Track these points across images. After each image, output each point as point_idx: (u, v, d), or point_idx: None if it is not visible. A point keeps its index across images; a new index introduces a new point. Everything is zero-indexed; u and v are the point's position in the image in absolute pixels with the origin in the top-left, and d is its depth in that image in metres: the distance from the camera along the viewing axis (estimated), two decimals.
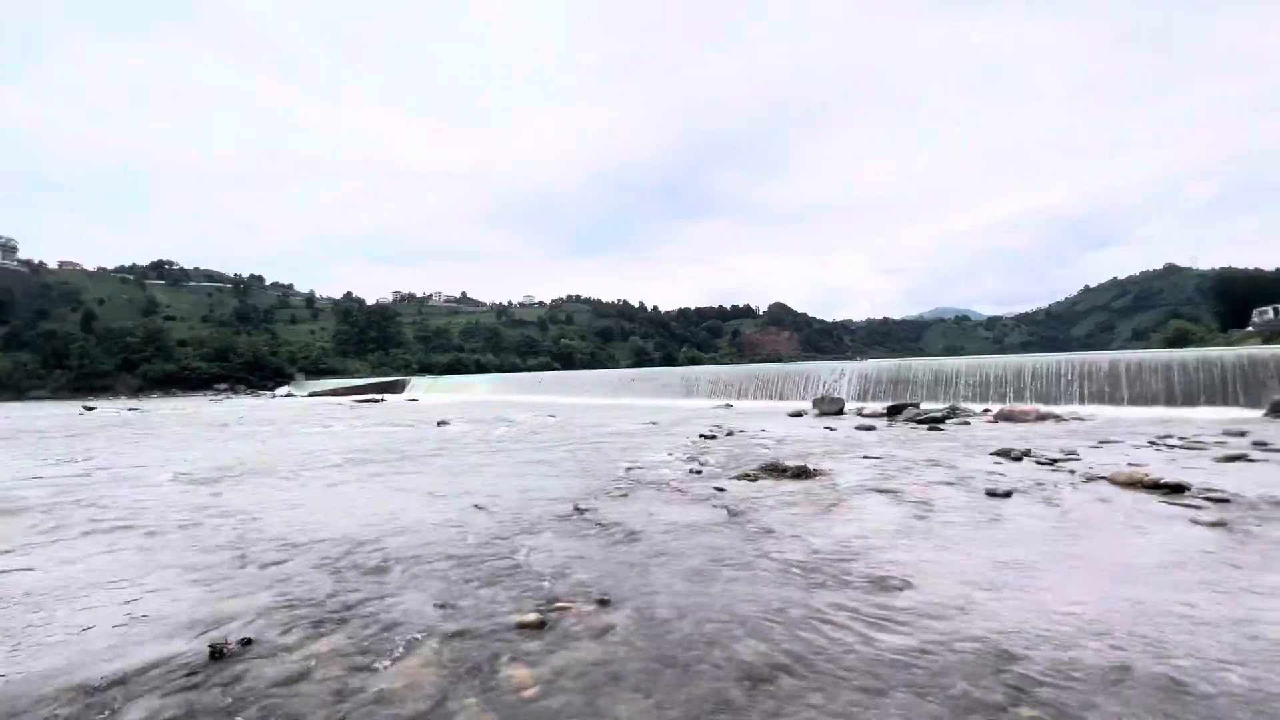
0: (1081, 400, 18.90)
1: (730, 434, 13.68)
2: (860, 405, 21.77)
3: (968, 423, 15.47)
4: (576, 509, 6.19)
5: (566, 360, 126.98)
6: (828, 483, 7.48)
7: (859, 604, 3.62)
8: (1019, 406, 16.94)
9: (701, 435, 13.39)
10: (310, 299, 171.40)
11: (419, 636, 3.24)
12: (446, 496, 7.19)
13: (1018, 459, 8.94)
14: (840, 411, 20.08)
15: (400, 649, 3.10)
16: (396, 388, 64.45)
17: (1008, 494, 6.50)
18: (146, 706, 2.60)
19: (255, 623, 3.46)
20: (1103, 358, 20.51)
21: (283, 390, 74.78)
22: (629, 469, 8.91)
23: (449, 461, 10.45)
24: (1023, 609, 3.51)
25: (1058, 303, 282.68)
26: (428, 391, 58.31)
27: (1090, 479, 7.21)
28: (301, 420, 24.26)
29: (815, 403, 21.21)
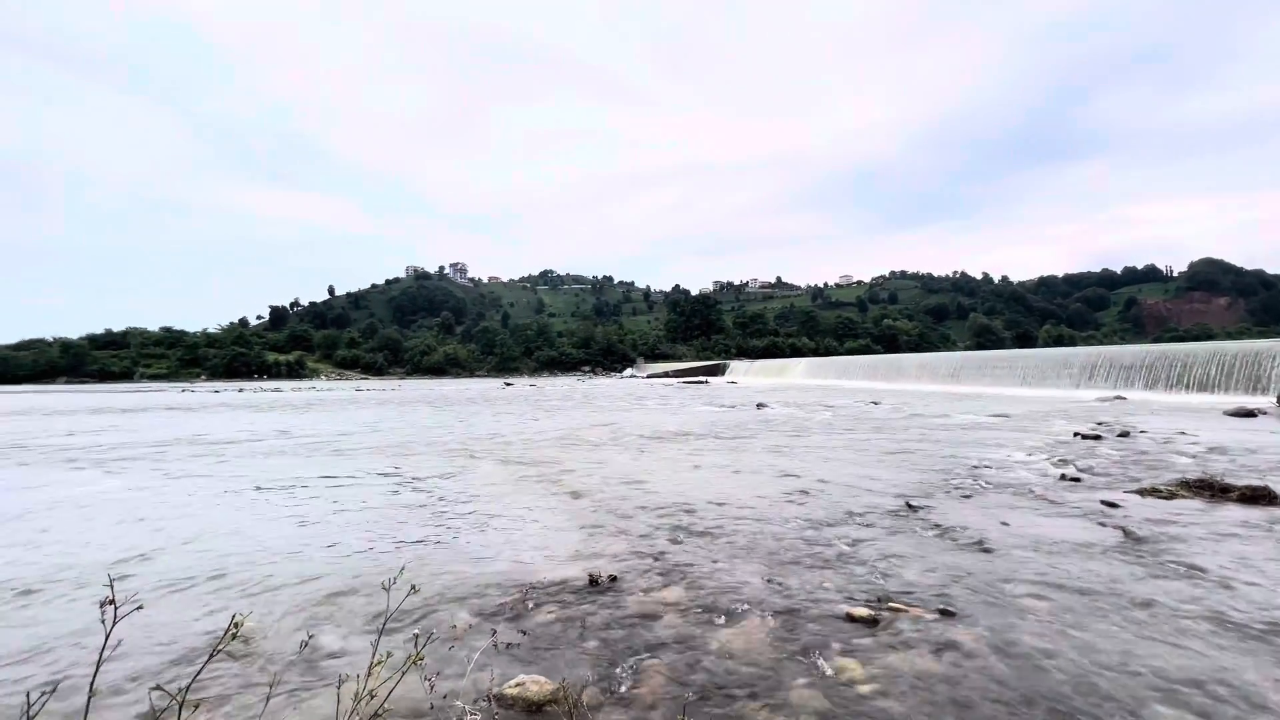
0: None
1: (1124, 435, 10.55)
2: None
3: None
4: (909, 505, 5.65)
5: (890, 342, 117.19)
6: None
7: None
8: None
9: (1078, 434, 10.68)
10: (647, 293, 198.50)
11: (749, 606, 3.41)
12: (769, 476, 7.41)
13: None
14: None
15: (733, 613, 3.32)
16: (718, 371, 69.67)
17: None
18: (554, 610, 3.40)
19: (619, 564, 4.17)
20: None
21: (627, 372, 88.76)
22: (974, 467, 7.70)
23: (770, 442, 10.76)
24: None
25: None
26: (746, 374, 61.34)
27: None
28: (644, 397, 28.40)
29: None
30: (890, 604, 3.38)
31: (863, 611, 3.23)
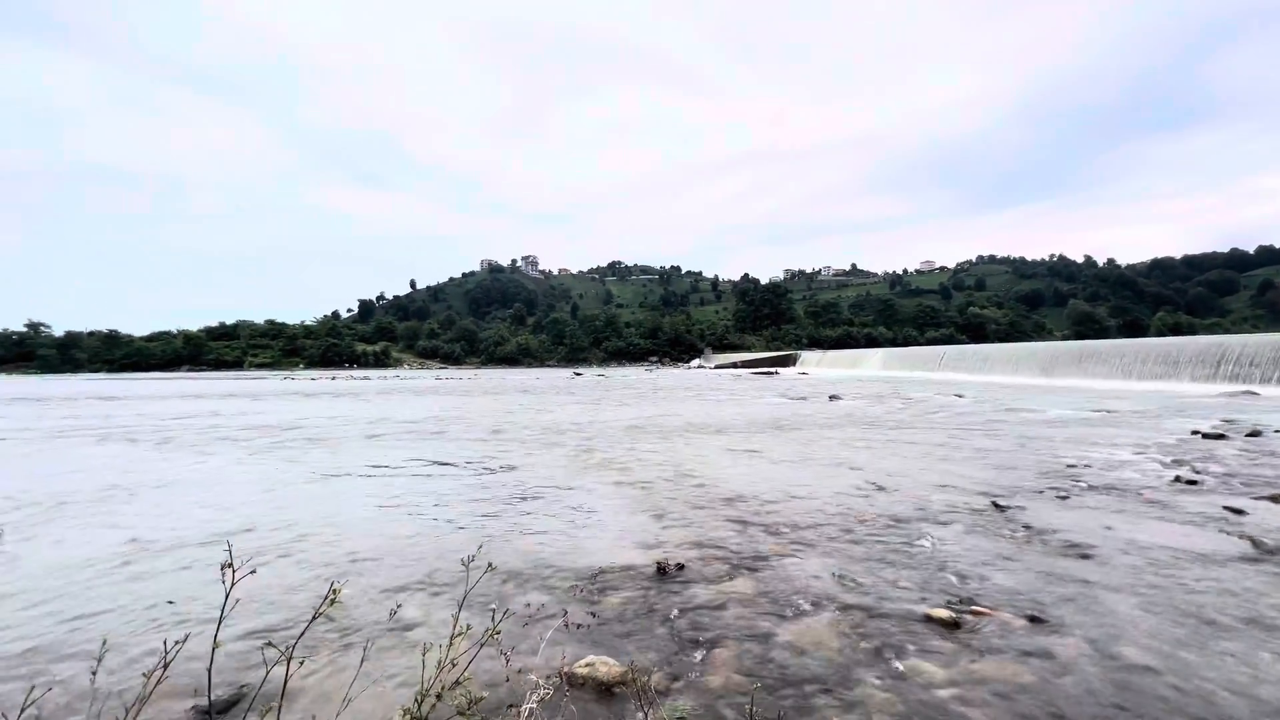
0: None
1: (1255, 434, 9.42)
2: None
3: None
4: (995, 505, 5.31)
5: (976, 332, 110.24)
6: None
7: None
8: None
9: (1196, 432, 9.65)
10: (715, 283, 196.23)
11: (819, 601, 3.33)
12: (841, 470, 7.19)
13: None
14: None
15: (802, 608, 3.26)
16: (788, 361, 68.04)
17: None
18: (625, 595, 3.47)
19: (685, 554, 4.18)
20: None
21: (695, 362, 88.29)
22: (1071, 467, 7.13)
23: (842, 436, 10.42)
24: None
25: None
26: (817, 365, 59.55)
27: None
28: (712, 388, 28.20)
29: None
30: (973, 606, 3.20)
31: (943, 613, 3.08)
